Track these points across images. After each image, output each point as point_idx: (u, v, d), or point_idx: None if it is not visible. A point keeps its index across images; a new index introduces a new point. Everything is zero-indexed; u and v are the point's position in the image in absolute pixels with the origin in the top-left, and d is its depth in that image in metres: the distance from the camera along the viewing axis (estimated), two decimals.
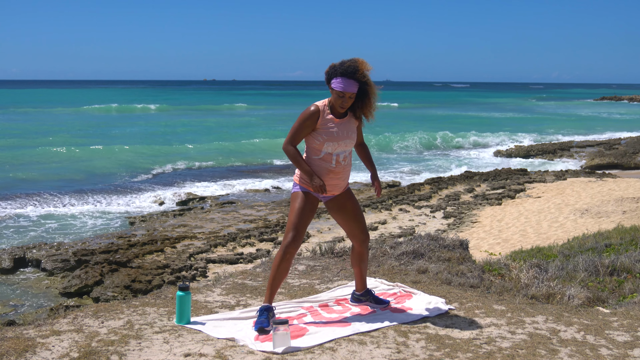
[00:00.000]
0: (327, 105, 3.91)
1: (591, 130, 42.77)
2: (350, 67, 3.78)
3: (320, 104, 3.89)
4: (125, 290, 9.66)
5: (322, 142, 3.85)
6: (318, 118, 3.85)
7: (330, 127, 3.86)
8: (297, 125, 3.86)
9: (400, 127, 39.86)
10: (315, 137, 3.87)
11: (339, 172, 3.95)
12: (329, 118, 3.87)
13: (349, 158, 4.00)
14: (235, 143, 31.68)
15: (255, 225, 14.18)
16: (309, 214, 3.91)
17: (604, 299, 4.83)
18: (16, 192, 17.96)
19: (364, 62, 3.82)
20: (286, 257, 3.81)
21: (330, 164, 3.90)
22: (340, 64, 3.82)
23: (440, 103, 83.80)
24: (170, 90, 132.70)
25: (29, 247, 11.64)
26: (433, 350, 3.50)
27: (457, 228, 13.79)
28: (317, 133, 3.86)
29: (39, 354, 3.28)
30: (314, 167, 3.92)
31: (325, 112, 3.87)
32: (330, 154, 3.89)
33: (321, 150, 3.88)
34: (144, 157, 25.88)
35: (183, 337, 3.61)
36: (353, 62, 3.80)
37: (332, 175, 3.93)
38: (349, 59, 3.83)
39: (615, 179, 19.77)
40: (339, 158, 3.91)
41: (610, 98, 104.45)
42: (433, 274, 5.06)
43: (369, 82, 3.85)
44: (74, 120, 44.41)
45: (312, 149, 3.92)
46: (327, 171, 3.91)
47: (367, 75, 3.83)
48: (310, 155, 3.93)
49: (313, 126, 3.86)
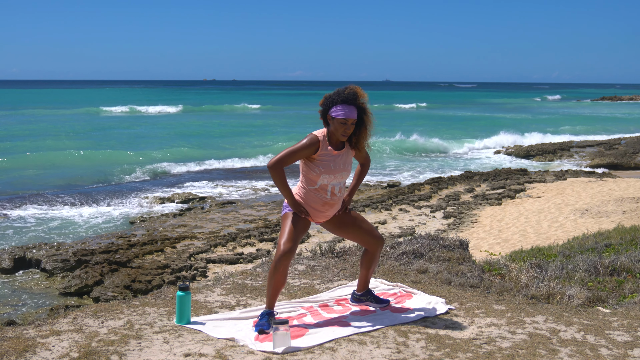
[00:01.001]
0: (326, 136, 3.89)
1: (591, 130, 42.78)
2: (350, 94, 3.81)
3: (319, 135, 3.86)
4: (125, 290, 9.66)
5: (318, 174, 3.84)
6: (318, 149, 3.83)
7: (327, 159, 3.84)
8: (294, 149, 3.80)
9: (420, 127, 39.48)
10: (312, 169, 3.85)
11: (333, 203, 3.97)
12: (327, 150, 3.86)
13: (344, 189, 4.03)
14: (243, 144, 31.70)
15: (255, 225, 14.18)
16: (301, 232, 3.90)
17: (604, 299, 4.83)
18: (16, 192, 17.97)
19: (361, 89, 3.87)
20: (279, 269, 3.75)
21: (326, 196, 3.91)
22: (337, 94, 3.84)
23: (461, 104, 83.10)
24: (171, 90, 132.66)
25: (29, 247, 11.64)
26: (433, 350, 3.50)
27: (457, 228, 13.79)
28: (314, 164, 3.84)
29: (39, 354, 3.28)
30: (309, 196, 3.92)
31: (324, 143, 3.86)
32: (326, 186, 3.89)
33: (317, 181, 3.87)
34: (144, 157, 25.88)
35: (183, 337, 3.61)
36: (351, 89, 3.83)
37: (327, 206, 3.96)
38: (345, 87, 3.86)
39: (615, 179, 19.77)
40: (334, 189, 3.92)
41: (610, 98, 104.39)
42: (433, 274, 5.06)
43: (367, 110, 3.89)
44: (86, 121, 44.23)
45: (308, 179, 3.90)
46: (322, 202, 3.92)
47: (365, 102, 3.88)
48: (306, 185, 3.92)
49: (310, 155, 3.83)
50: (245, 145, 31.33)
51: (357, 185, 4.25)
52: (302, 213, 3.90)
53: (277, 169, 3.80)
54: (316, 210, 3.95)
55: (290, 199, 3.89)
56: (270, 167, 3.79)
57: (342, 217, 4.10)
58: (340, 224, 4.11)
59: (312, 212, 3.95)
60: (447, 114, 58.81)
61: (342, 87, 3.87)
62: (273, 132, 38.34)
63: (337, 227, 4.13)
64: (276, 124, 44.24)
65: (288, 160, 3.79)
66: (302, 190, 3.95)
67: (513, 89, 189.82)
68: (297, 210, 3.89)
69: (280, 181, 3.83)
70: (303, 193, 3.94)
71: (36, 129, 37.41)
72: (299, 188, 3.98)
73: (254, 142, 32.33)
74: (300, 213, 3.89)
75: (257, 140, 33.33)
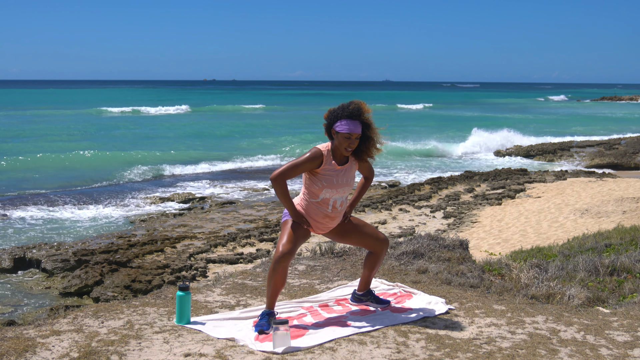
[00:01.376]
0: (330, 150, 3.90)
1: (591, 130, 42.75)
2: (355, 109, 3.83)
3: (323, 149, 3.87)
4: (125, 290, 9.66)
5: (321, 188, 3.86)
6: (322, 163, 3.85)
7: (331, 174, 3.86)
8: (298, 162, 3.82)
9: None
10: (314, 182, 3.87)
11: (335, 217, 4.00)
12: (331, 164, 3.88)
13: (345, 203, 4.05)
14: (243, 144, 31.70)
15: (255, 225, 14.18)
16: (301, 238, 3.91)
17: (604, 299, 4.83)
18: (16, 192, 17.97)
19: (365, 104, 3.89)
20: (278, 270, 3.76)
21: (327, 210, 3.94)
22: (342, 109, 3.85)
23: (466, 104, 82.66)
24: (172, 90, 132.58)
25: (29, 247, 11.64)
26: (433, 350, 3.50)
27: (457, 228, 13.79)
28: (317, 178, 3.87)
29: (39, 354, 3.28)
30: (310, 208, 3.94)
31: (328, 158, 3.87)
32: (328, 199, 3.91)
33: (319, 195, 3.90)
34: (144, 157, 25.88)
35: (183, 337, 3.61)
36: (356, 105, 3.85)
37: (328, 219, 3.98)
38: (349, 103, 3.88)
39: (615, 179, 19.77)
40: (335, 204, 3.94)
41: (610, 98, 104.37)
42: (433, 274, 5.06)
43: (372, 125, 3.90)
44: (87, 122, 44.14)
45: (310, 192, 3.93)
46: (324, 215, 3.95)
47: (369, 116, 3.89)
48: (308, 197, 3.95)
49: (313, 169, 3.85)
50: (245, 145, 31.33)
51: (358, 198, 4.28)
52: (304, 224, 3.92)
53: (280, 182, 3.82)
54: (317, 222, 3.99)
55: (292, 211, 3.91)
56: (273, 180, 3.82)
57: (343, 226, 4.13)
58: (342, 233, 4.14)
59: (313, 224, 3.99)
60: (450, 114, 58.69)
61: (347, 102, 3.89)
62: (273, 132, 38.31)
63: (340, 236, 4.16)
64: (276, 124, 44.20)
65: (291, 174, 3.82)
66: (304, 202, 3.98)
67: (515, 89, 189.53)
68: (299, 220, 3.91)
69: (282, 194, 3.85)
70: (305, 205, 3.97)
71: (36, 129, 37.40)
72: (301, 200, 4.00)
73: (255, 142, 32.33)
74: (302, 224, 3.92)
75: (258, 140, 33.32)
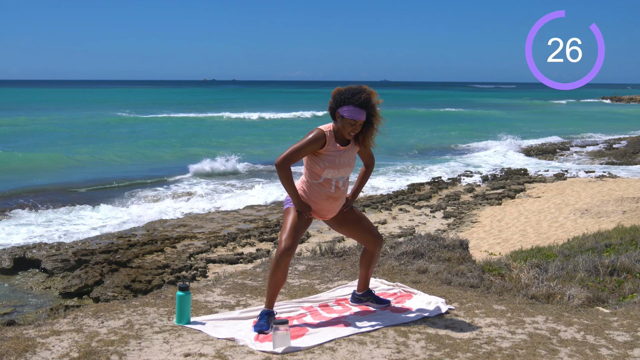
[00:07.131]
0: (332, 131, 3.89)
1: (591, 130, 42.74)
2: (365, 99, 3.78)
3: (326, 130, 3.86)
4: (125, 290, 9.66)
5: (323, 168, 3.84)
6: (324, 144, 3.83)
7: (333, 154, 3.85)
8: (300, 145, 3.79)
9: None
10: (316, 163, 3.85)
11: (338, 197, 3.97)
12: (334, 145, 3.86)
13: (347, 183, 4.03)
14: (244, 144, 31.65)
15: (255, 225, 14.18)
16: (303, 228, 3.89)
17: (604, 299, 4.82)
18: (16, 192, 17.95)
19: (375, 94, 3.85)
20: (280, 265, 3.76)
21: (330, 190, 3.91)
22: (351, 94, 3.79)
23: (477, 105, 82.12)
24: (173, 90, 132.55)
25: (29, 247, 11.64)
26: (433, 350, 3.50)
27: (457, 228, 13.79)
28: (319, 158, 3.84)
29: (39, 354, 3.28)
30: (313, 191, 3.91)
31: (331, 139, 3.86)
32: (330, 180, 3.89)
33: (321, 175, 3.88)
34: (145, 157, 25.87)
35: (183, 337, 3.61)
36: (367, 95, 3.79)
37: (331, 200, 3.95)
38: (359, 89, 3.81)
39: (615, 179, 19.77)
40: (338, 183, 3.92)
41: (611, 98, 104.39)
42: (433, 274, 5.06)
43: (376, 113, 3.87)
44: (87, 122, 44.00)
45: (312, 173, 3.91)
46: (326, 196, 3.92)
47: (376, 105, 3.86)
48: (310, 179, 3.93)
49: (316, 150, 3.83)
50: (245, 145, 31.31)
51: (360, 186, 4.26)
52: (307, 214, 3.90)
53: (284, 167, 3.78)
54: (319, 206, 3.94)
55: (296, 199, 3.89)
56: (278, 165, 3.78)
57: (344, 214, 4.12)
58: (343, 221, 4.12)
59: (315, 208, 3.95)
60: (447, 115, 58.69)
61: (356, 88, 3.82)
62: (273, 132, 38.32)
63: (340, 224, 4.13)
64: (277, 124, 44.19)
65: (295, 158, 3.78)
66: (305, 184, 3.95)
67: (529, 89, 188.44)
68: (302, 210, 3.89)
69: (286, 180, 3.82)
70: (307, 187, 3.94)
71: (36, 129, 37.40)
72: (303, 182, 3.97)
73: (255, 142, 32.30)
74: (305, 214, 3.90)
75: (258, 140, 33.29)
